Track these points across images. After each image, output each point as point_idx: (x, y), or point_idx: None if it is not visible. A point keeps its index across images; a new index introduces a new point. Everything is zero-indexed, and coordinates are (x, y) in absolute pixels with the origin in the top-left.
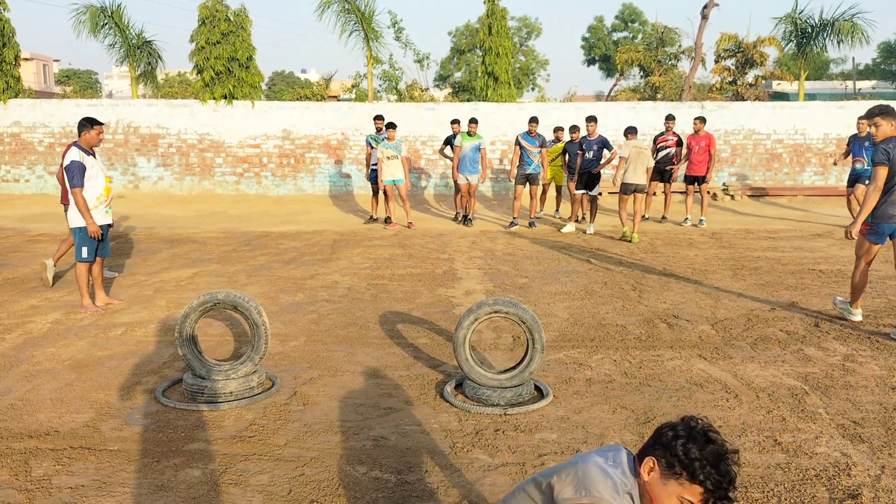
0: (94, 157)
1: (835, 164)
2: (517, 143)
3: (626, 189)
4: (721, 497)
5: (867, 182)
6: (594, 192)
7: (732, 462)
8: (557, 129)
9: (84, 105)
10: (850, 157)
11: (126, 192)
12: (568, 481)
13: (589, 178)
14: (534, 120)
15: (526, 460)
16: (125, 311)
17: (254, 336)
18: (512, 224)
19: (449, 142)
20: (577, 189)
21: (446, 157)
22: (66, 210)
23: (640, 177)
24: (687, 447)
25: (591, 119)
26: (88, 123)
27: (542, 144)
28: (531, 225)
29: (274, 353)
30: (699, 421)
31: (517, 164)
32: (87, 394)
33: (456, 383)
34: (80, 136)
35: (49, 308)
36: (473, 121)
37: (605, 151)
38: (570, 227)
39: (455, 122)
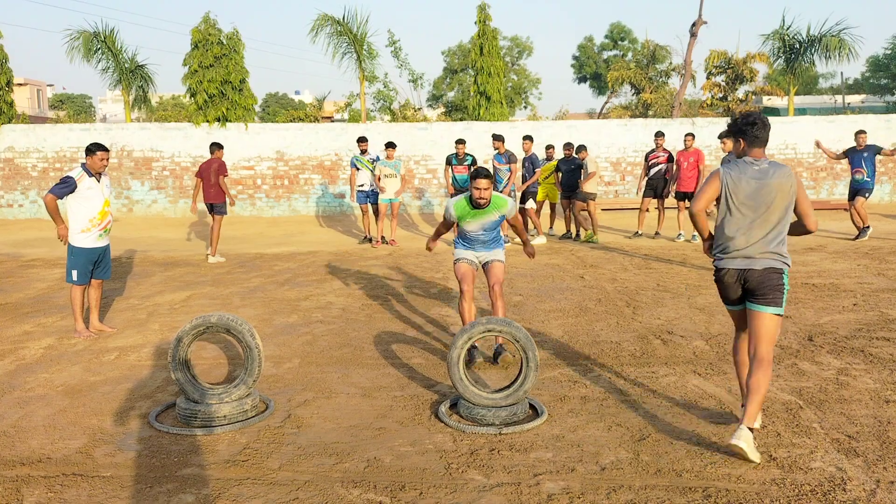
0: (99, 180)
1: (817, 144)
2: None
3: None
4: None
5: (867, 195)
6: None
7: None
8: (549, 147)
9: (77, 129)
10: (844, 165)
11: (120, 216)
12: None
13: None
14: (498, 138)
15: (521, 480)
16: (119, 335)
17: (247, 359)
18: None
19: (450, 161)
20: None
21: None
22: (211, 209)
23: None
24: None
25: (527, 138)
26: (90, 149)
27: (510, 160)
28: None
29: (268, 376)
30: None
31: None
32: (80, 420)
33: (450, 403)
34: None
35: (42, 333)
36: (483, 174)
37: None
38: (541, 240)
39: (460, 142)
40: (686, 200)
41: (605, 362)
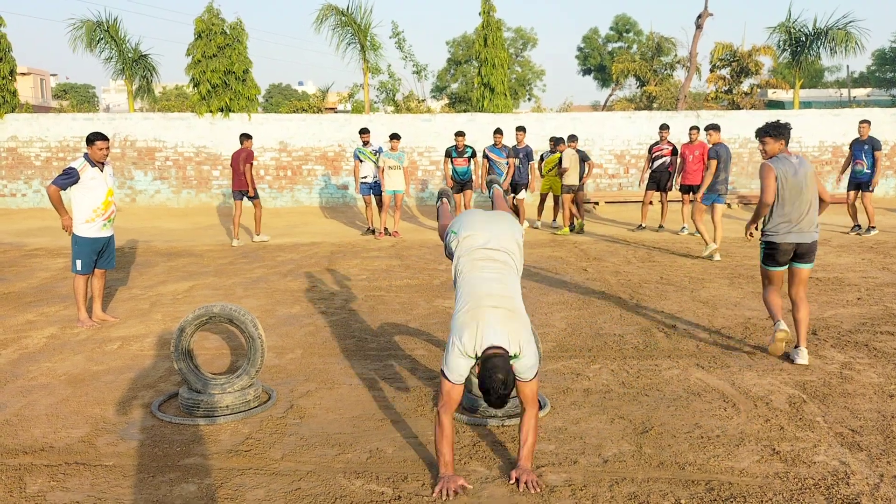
0: (102, 169)
1: (839, 180)
2: (484, 155)
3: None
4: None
5: (871, 189)
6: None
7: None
8: (553, 140)
9: (81, 119)
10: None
11: (123, 206)
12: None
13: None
14: (498, 132)
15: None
16: (121, 325)
17: (250, 349)
18: None
19: (449, 154)
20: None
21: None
22: (242, 196)
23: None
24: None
25: (520, 129)
26: (90, 139)
27: (509, 155)
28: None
29: (270, 367)
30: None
31: (485, 176)
32: (83, 409)
33: None
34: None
35: (45, 323)
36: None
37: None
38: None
39: (459, 134)
40: (691, 193)
41: (608, 355)
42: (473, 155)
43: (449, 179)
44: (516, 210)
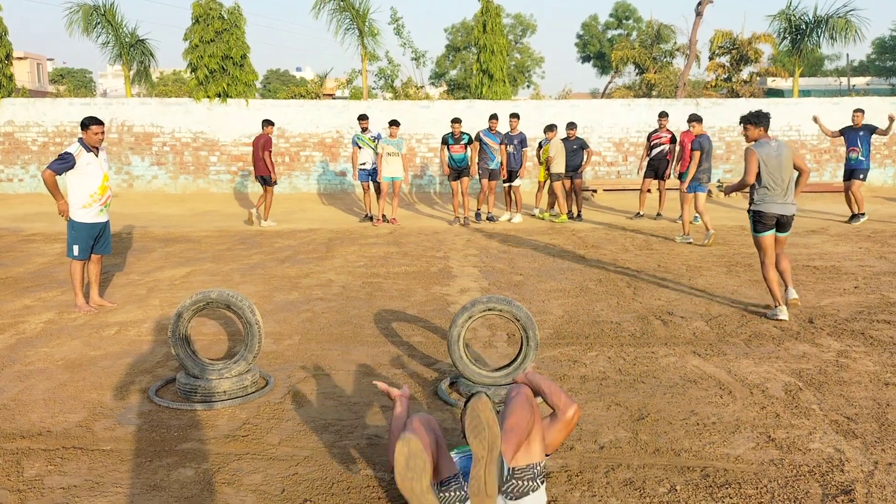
0: (97, 154)
1: (815, 119)
2: (477, 138)
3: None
4: None
5: (862, 177)
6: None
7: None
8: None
9: (78, 104)
10: (836, 147)
11: (120, 191)
12: None
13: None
14: (494, 117)
15: None
16: (119, 310)
17: (247, 335)
18: (477, 217)
19: (446, 141)
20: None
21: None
22: (263, 181)
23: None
24: None
25: (514, 115)
26: (85, 124)
27: (502, 141)
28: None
29: (268, 352)
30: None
31: (476, 160)
32: (80, 393)
33: (451, 381)
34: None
35: (42, 308)
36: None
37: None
38: (517, 218)
39: (455, 121)
40: None
41: (605, 342)
42: (470, 142)
43: (445, 167)
44: (515, 197)
